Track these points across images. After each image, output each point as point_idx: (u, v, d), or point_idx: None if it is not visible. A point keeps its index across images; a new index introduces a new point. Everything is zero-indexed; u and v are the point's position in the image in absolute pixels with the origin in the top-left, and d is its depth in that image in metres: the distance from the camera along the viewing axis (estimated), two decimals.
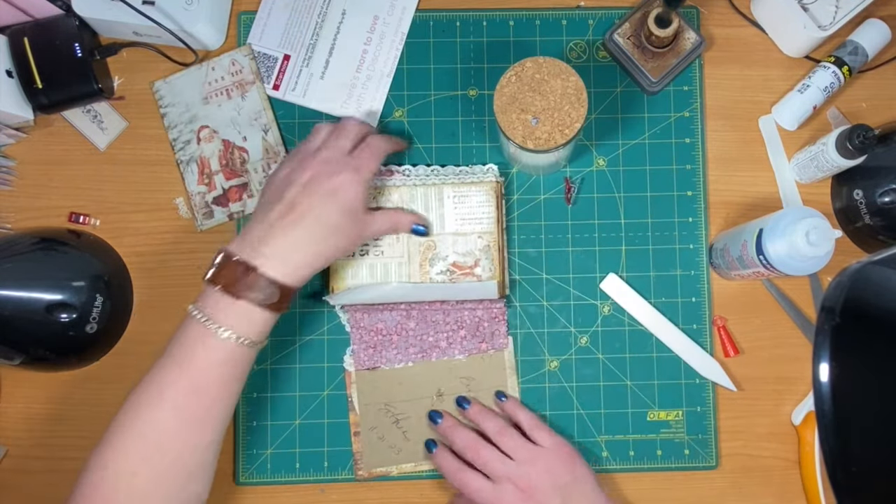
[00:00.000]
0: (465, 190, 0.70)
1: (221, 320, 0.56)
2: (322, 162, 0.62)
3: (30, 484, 0.71)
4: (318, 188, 0.60)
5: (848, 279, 0.46)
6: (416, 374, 0.71)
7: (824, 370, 0.44)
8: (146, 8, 0.70)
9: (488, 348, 0.72)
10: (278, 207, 0.60)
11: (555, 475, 0.64)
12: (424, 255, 0.69)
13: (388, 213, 0.67)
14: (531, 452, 0.65)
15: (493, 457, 0.65)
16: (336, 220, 0.60)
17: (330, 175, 0.61)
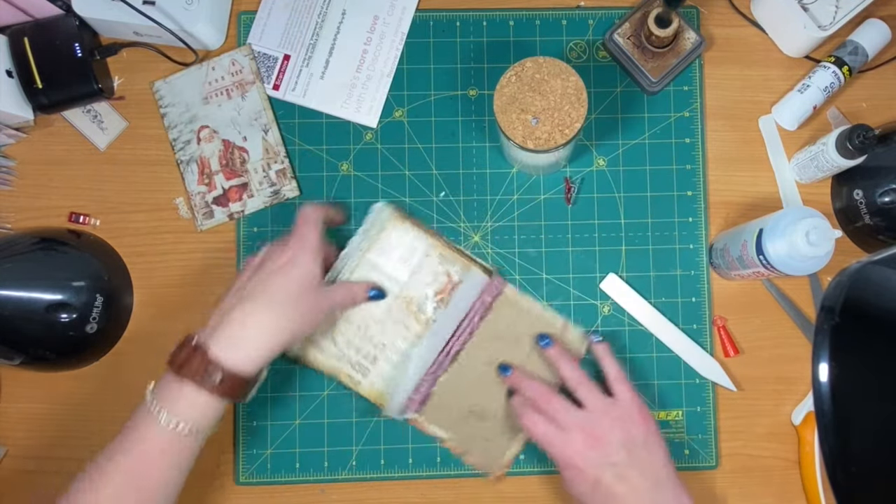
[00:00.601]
0: (380, 243, 0.69)
1: (168, 405, 0.55)
2: (271, 248, 0.63)
3: (30, 484, 0.71)
4: (269, 267, 0.60)
5: (848, 279, 0.46)
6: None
7: (824, 370, 0.44)
8: (146, 8, 0.70)
9: None
10: (233, 292, 0.60)
11: (626, 430, 0.62)
12: (410, 310, 0.69)
13: (344, 286, 0.66)
14: (606, 404, 0.63)
15: (563, 406, 0.63)
16: (289, 296, 0.59)
17: (278, 255, 0.61)
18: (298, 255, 0.61)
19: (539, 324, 0.71)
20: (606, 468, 0.60)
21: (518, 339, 0.70)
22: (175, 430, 0.55)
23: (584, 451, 0.61)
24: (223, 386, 0.56)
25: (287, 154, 0.74)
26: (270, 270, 0.60)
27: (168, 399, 0.56)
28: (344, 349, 0.69)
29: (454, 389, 0.70)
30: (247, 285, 0.60)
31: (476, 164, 0.74)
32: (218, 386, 0.55)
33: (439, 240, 0.70)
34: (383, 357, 0.69)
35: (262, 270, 0.61)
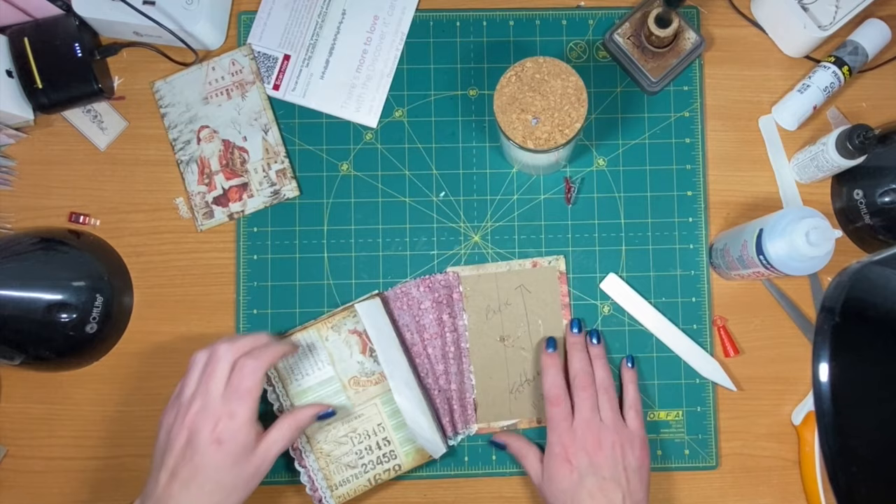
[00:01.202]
0: (292, 378, 0.69)
1: None
2: (196, 414, 0.58)
3: (30, 484, 0.71)
4: (200, 446, 0.57)
5: (848, 279, 0.46)
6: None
7: (824, 370, 0.44)
8: (146, 8, 0.70)
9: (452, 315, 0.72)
10: (163, 477, 0.57)
11: (626, 456, 0.64)
12: (360, 385, 0.69)
13: (283, 424, 0.62)
14: (618, 422, 0.66)
15: (592, 403, 0.66)
16: (225, 476, 0.57)
17: (209, 430, 0.57)
18: (232, 428, 0.58)
19: (512, 277, 0.72)
20: (593, 477, 0.62)
21: (506, 302, 0.71)
22: None
23: (582, 451, 0.63)
24: None
25: (287, 154, 0.74)
26: (203, 449, 0.57)
27: None
28: (358, 462, 0.69)
29: (488, 380, 0.71)
30: (180, 470, 0.57)
31: (476, 164, 0.74)
32: None
33: (319, 320, 0.70)
34: (388, 432, 0.69)
35: (193, 444, 0.57)
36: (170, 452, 0.58)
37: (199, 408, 0.58)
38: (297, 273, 0.73)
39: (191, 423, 0.58)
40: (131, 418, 0.72)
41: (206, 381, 0.60)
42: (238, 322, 0.73)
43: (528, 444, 0.68)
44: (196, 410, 0.58)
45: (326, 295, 0.73)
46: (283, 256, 0.73)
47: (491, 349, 0.71)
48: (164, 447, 0.59)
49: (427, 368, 0.71)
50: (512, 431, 0.70)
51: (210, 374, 0.60)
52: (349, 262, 0.73)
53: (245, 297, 0.73)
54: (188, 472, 0.57)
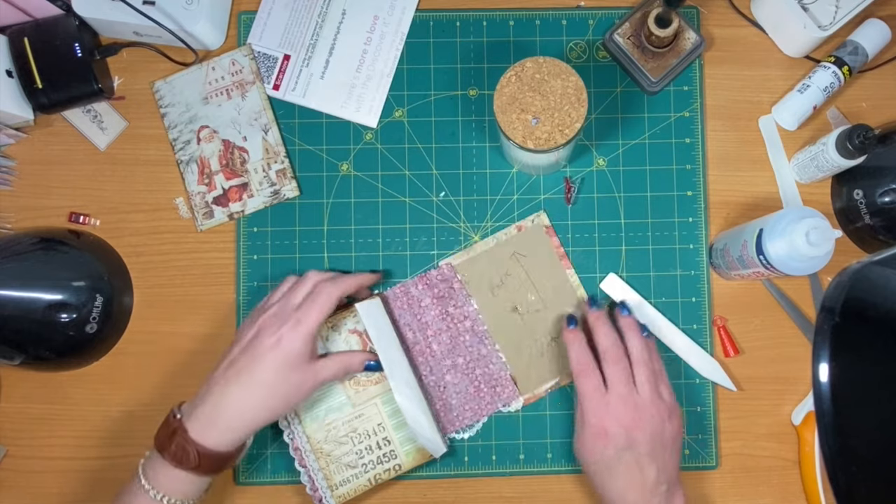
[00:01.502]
0: None
1: (152, 478, 0.58)
2: (270, 317, 0.63)
3: (30, 484, 0.71)
4: (259, 344, 0.61)
5: (848, 279, 0.46)
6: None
7: (824, 370, 0.44)
8: (146, 8, 0.70)
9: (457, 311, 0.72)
10: (221, 366, 0.61)
11: (661, 427, 0.63)
12: (360, 385, 0.69)
13: (338, 357, 0.65)
14: (654, 395, 0.64)
15: (625, 375, 0.64)
16: (274, 376, 0.60)
17: (273, 330, 0.61)
18: (293, 335, 0.61)
19: (502, 248, 0.72)
20: (630, 450, 0.62)
21: (506, 273, 0.72)
22: (151, 497, 0.58)
23: (618, 425, 0.62)
24: (202, 466, 0.58)
25: (287, 154, 0.74)
26: (261, 348, 0.61)
27: (156, 477, 0.58)
28: (358, 462, 0.69)
29: (517, 352, 0.72)
30: (238, 359, 0.61)
31: (476, 164, 0.74)
32: (197, 466, 0.58)
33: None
34: (388, 432, 0.69)
35: (255, 342, 0.61)
36: (237, 344, 0.62)
37: (273, 313, 0.63)
38: (297, 273, 0.73)
39: (261, 323, 0.63)
40: (131, 418, 0.72)
41: (287, 295, 0.65)
42: (238, 322, 0.73)
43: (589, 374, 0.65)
44: (270, 314, 0.63)
45: None
46: (283, 256, 0.73)
47: (508, 322, 0.72)
48: (233, 345, 0.63)
49: (431, 366, 0.71)
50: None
51: (293, 291, 0.65)
52: (349, 262, 0.73)
53: (245, 297, 0.73)
54: (244, 362, 0.60)
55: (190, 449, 0.58)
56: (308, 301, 0.63)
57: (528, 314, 0.72)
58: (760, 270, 0.64)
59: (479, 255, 0.73)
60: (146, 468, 0.59)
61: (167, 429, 0.59)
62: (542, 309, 0.72)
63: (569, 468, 0.72)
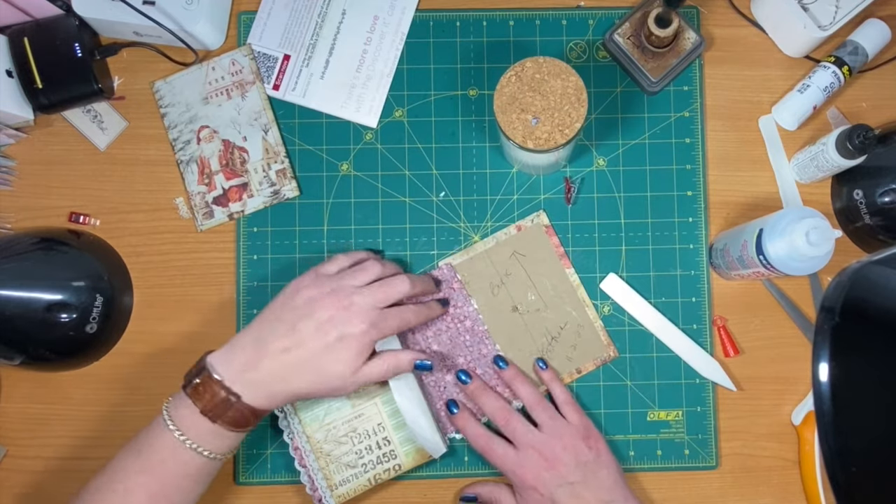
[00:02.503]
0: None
1: (194, 437, 0.57)
2: (357, 301, 0.60)
3: (30, 484, 0.71)
4: (332, 332, 0.59)
5: (848, 279, 0.46)
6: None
7: (824, 370, 0.44)
8: (146, 8, 0.70)
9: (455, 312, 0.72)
10: (283, 339, 0.59)
11: (578, 452, 0.65)
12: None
13: (386, 358, 0.63)
14: (559, 427, 0.66)
15: (520, 425, 0.66)
16: (334, 369, 0.59)
17: (348, 322, 0.59)
18: (365, 337, 0.60)
19: (502, 248, 0.72)
20: (562, 488, 0.63)
21: (506, 273, 0.72)
22: (203, 456, 0.57)
23: (540, 472, 0.64)
24: (250, 425, 0.59)
25: (287, 154, 0.74)
26: (332, 338, 0.59)
27: (192, 430, 0.57)
28: (358, 462, 0.69)
29: (517, 351, 0.72)
30: (304, 337, 0.59)
31: (476, 164, 0.74)
32: (247, 427, 0.59)
33: None
34: (388, 432, 0.69)
35: (328, 327, 0.59)
36: (305, 321, 0.59)
37: (362, 302, 0.60)
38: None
39: (338, 306, 0.60)
40: (131, 418, 0.72)
41: (376, 288, 0.62)
42: (238, 322, 0.73)
43: (498, 487, 0.68)
44: (359, 301, 0.60)
45: None
46: (283, 256, 0.73)
47: (508, 322, 0.72)
48: (298, 306, 0.60)
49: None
50: (478, 481, 0.71)
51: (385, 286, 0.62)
52: None
53: (245, 297, 0.73)
54: (308, 348, 0.58)
55: (249, 415, 0.58)
56: (394, 312, 0.62)
57: (528, 314, 0.72)
58: (760, 270, 0.64)
59: (479, 255, 0.73)
60: (178, 422, 0.57)
61: (216, 397, 0.57)
62: (542, 309, 0.72)
63: None
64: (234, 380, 0.58)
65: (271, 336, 0.59)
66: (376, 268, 0.64)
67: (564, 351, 0.71)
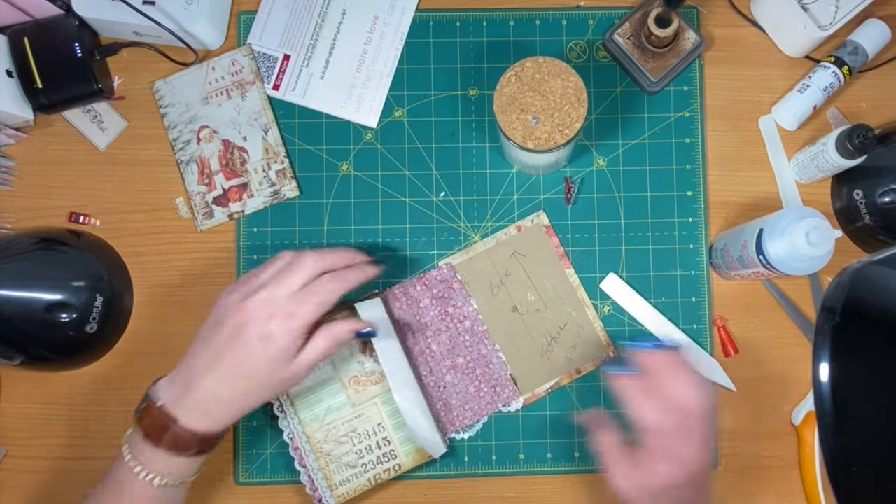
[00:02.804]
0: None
1: (145, 463, 0.56)
2: (260, 303, 0.57)
3: (30, 484, 0.71)
4: (248, 334, 0.56)
5: (848, 279, 0.46)
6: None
7: (824, 370, 0.44)
8: (146, 8, 0.70)
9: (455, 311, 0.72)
10: (205, 354, 0.57)
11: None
12: (360, 385, 0.69)
13: (324, 333, 0.59)
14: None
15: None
16: (263, 370, 0.57)
17: (263, 320, 0.56)
18: (285, 330, 0.57)
19: (502, 248, 0.72)
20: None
21: (506, 273, 0.72)
22: (161, 486, 0.57)
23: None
24: (198, 449, 0.58)
25: (287, 154, 0.74)
26: (250, 340, 0.56)
27: (147, 460, 0.57)
28: (358, 462, 0.69)
29: (517, 352, 0.72)
30: (224, 352, 0.57)
31: (476, 164, 0.74)
32: (198, 451, 0.58)
33: None
34: (388, 432, 0.69)
35: (244, 330, 0.56)
36: (218, 331, 0.57)
37: (263, 299, 0.57)
38: None
39: (250, 309, 0.57)
40: (131, 418, 0.72)
41: (281, 278, 0.58)
42: None
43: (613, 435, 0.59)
44: (260, 299, 0.57)
45: None
46: None
47: (508, 322, 0.72)
48: (214, 323, 0.58)
49: (431, 366, 0.71)
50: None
51: (288, 273, 0.58)
52: None
53: None
54: (230, 357, 0.56)
55: (188, 438, 0.56)
56: (307, 293, 0.58)
57: (528, 314, 0.72)
58: (760, 270, 0.64)
59: (479, 255, 0.73)
60: (135, 454, 0.56)
61: (155, 420, 0.56)
62: (542, 309, 0.72)
63: (569, 468, 0.72)
64: (172, 404, 0.57)
65: (195, 356, 0.58)
66: (285, 258, 0.60)
67: (564, 351, 0.71)
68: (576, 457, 0.72)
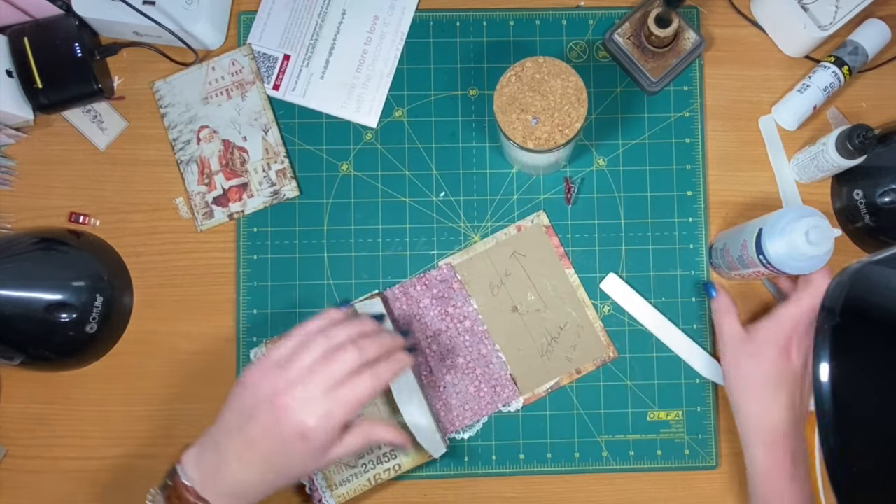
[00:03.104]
0: None
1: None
2: (299, 400, 0.55)
3: (30, 484, 0.71)
4: (284, 431, 0.54)
5: (848, 279, 0.46)
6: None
7: (824, 370, 0.44)
8: (146, 8, 0.70)
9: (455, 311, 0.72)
10: (238, 440, 0.56)
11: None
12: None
13: (358, 434, 0.58)
14: None
15: None
16: (296, 465, 0.56)
17: (300, 418, 0.54)
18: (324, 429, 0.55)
19: (502, 248, 0.72)
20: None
21: (506, 273, 0.72)
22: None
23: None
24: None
25: (287, 154, 0.74)
26: (287, 435, 0.55)
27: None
28: (357, 462, 0.69)
29: (517, 352, 0.72)
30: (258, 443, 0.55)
31: (476, 164, 0.74)
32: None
33: None
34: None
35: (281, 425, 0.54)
36: (253, 421, 0.55)
37: (302, 397, 0.55)
38: (297, 273, 0.73)
39: (287, 405, 0.55)
40: (131, 418, 0.72)
41: (320, 369, 0.56)
42: (238, 322, 0.73)
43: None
44: (299, 397, 0.55)
45: (326, 295, 0.73)
46: (283, 256, 0.73)
47: (508, 322, 0.72)
48: (248, 409, 0.56)
49: (431, 366, 0.71)
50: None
51: (327, 365, 0.56)
52: (349, 262, 0.73)
53: (245, 297, 0.73)
54: (265, 449, 0.55)
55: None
56: (347, 392, 0.55)
57: (528, 314, 0.72)
58: (760, 270, 0.64)
59: (479, 255, 0.73)
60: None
61: (181, 495, 0.55)
62: (542, 309, 0.72)
63: (569, 468, 0.72)
64: (202, 487, 0.56)
65: (226, 439, 0.56)
66: (321, 343, 0.57)
67: (564, 351, 0.71)
68: (576, 457, 0.72)
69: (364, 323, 0.60)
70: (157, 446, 0.72)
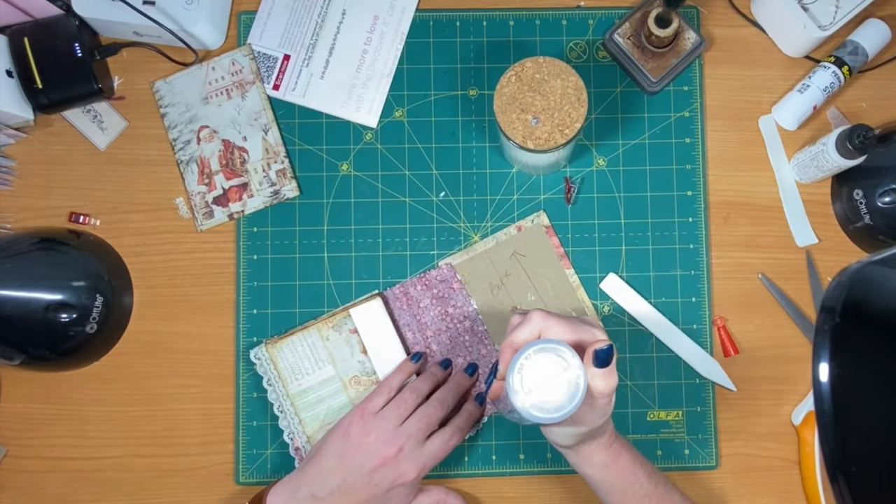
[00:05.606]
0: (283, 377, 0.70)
1: None
2: (395, 451, 0.62)
3: (30, 484, 0.71)
4: (382, 483, 0.61)
5: (848, 279, 0.46)
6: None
7: (824, 370, 0.44)
8: (146, 8, 0.70)
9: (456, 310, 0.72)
10: (336, 494, 0.61)
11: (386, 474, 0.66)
12: (361, 385, 0.70)
13: (433, 494, 0.66)
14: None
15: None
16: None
17: (398, 471, 0.61)
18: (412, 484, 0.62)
19: (502, 248, 0.72)
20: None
21: (505, 274, 0.71)
22: None
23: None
24: None
25: (287, 154, 0.74)
26: (381, 490, 0.61)
27: None
28: None
29: None
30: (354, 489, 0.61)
31: (476, 164, 0.74)
32: None
33: (319, 319, 0.71)
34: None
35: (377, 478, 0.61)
36: (355, 474, 0.61)
37: (401, 449, 0.62)
38: (297, 273, 0.73)
39: (386, 457, 0.61)
40: (131, 418, 0.72)
41: (419, 420, 0.63)
42: (238, 322, 0.73)
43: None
44: (397, 449, 0.62)
45: (326, 295, 0.73)
46: (283, 256, 0.73)
47: (508, 322, 0.72)
48: (347, 462, 0.62)
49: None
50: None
51: (423, 417, 0.63)
52: (349, 262, 0.73)
53: (245, 297, 0.73)
54: (359, 499, 0.61)
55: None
56: (439, 451, 0.63)
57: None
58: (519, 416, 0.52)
59: (479, 255, 0.73)
60: None
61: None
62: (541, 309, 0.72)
63: (569, 468, 0.72)
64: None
65: (323, 490, 0.61)
66: (412, 397, 0.65)
67: None
68: None
69: (437, 374, 0.68)
70: (157, 446, 0.72)
